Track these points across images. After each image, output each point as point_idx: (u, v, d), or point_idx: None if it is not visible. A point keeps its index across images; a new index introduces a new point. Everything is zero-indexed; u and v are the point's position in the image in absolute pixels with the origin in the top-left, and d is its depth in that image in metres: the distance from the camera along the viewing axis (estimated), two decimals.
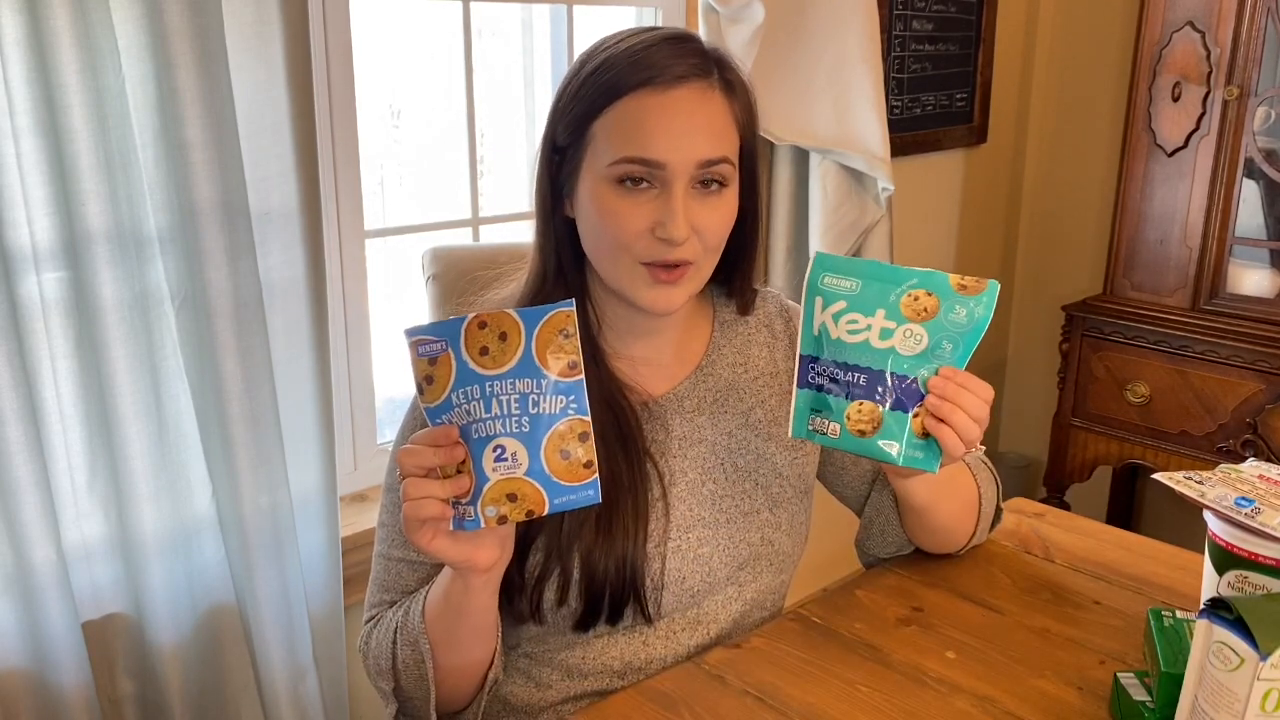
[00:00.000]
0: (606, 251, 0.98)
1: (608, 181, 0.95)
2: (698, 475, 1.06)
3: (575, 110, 0.98)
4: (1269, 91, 2.20)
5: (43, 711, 1.30)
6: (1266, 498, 0.87)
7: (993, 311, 0.91)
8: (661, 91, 0.94)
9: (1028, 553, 1.23)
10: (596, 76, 0.97)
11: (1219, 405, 2.30)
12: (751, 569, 1.08)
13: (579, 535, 0.99)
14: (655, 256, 0.96)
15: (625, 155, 0.94)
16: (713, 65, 0.98)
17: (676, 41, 0.97)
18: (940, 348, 0.90)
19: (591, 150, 0.97)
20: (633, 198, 0.95)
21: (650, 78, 0.94)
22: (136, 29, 1.22)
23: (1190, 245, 2.32)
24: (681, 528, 1.04)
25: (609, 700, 0.98)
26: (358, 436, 1.74)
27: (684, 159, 0.94)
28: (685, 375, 1.09)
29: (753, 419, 1.10)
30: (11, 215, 1.19)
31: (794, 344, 1.14)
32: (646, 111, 0.94)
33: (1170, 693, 0.85)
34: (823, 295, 0.92)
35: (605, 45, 0.99)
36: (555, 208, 1.02)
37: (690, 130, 0.94)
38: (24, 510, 1.22)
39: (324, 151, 1.55)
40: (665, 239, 0.94)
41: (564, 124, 0.99)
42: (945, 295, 0.91)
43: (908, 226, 2.54)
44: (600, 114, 0.96)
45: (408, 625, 0.98)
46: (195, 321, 1.33)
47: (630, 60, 0.95)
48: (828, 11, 1.95)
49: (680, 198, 0.94)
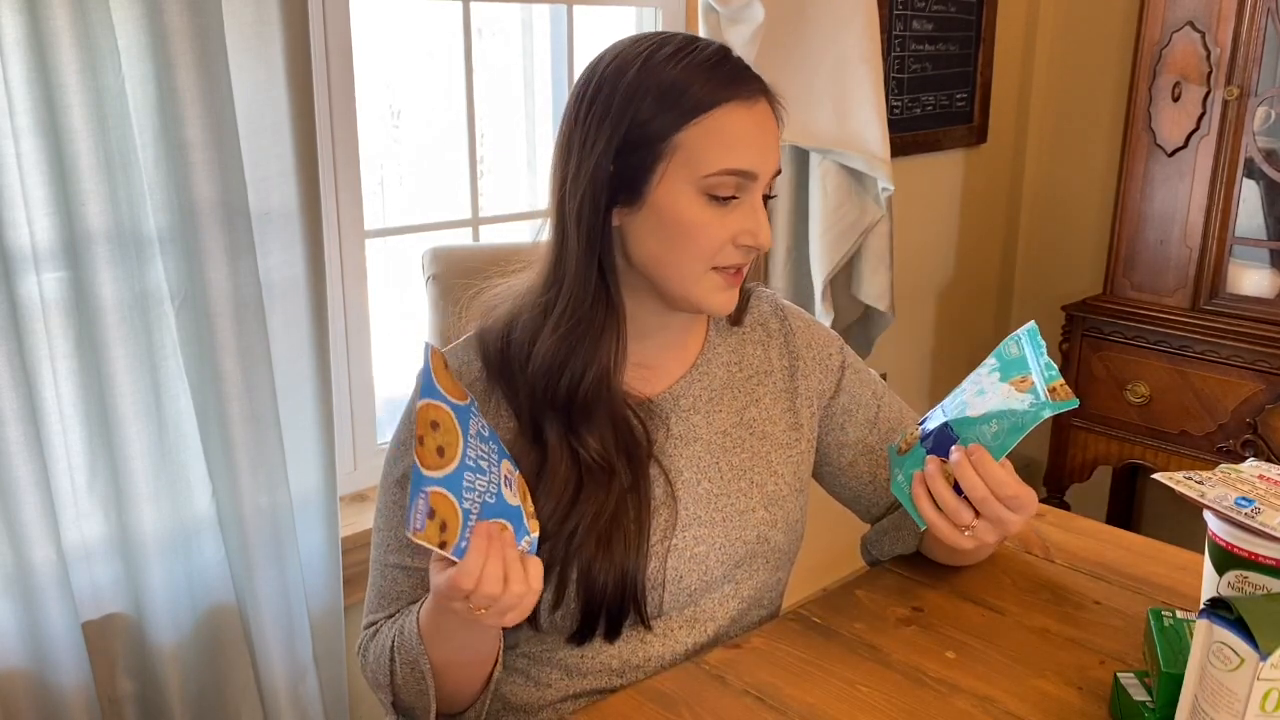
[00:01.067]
0: (682, 260, 0.98)
1: (699, 191, 0.96)
2: (694, 474, 1.06)
3: (660, 117, 0.94)
4: (1269, 91, 2.20)
5: (43, 711, 1.30)
6: (1266, 498, 0.87)
7: (1041, 420, 0.94)
8: (751, 105, 0.96)
9: (1028, 553, 1.23)
10: (681, 84, 0.94)
11: (1219, 405, 2.30)
12: (748, 567, 1.08)
13: (582, 544, 0.99)
14: (734, 262, 0.99)
15: (726, 167, 0.95)
16: (764, 83, 1.01)
17: (730, 56, 0.99)
18: (988, 422, 0.96)
19: (679, 159, 0.95)
20: (720, 207, 0.97)
21: (739, 91, 0.96)
22: (136, 29, 1.22)
23: (1190, 245, 2.32)
24: (679, 526, 1.04)
25: (609, 700, 0.98)
26: (358, 436, 1.74)
27: (768, 170, 0.98)
28: (681, 374, 1.10)
29: (747, 417, 1.10)
30: (11, 215, 1.19)
31: (788, 342, 1.15)
32: (741, 123, 0.96)
33: (1170, 693, 0.85)
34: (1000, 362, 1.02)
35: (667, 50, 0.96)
36: (606, 216, 0.98)
37: (772, 143, 0.99)
38: (24, 510, 1.22)
39: (324, 151, 1.55)
40: (753, 245, 0.98)
41: (643, 130, 0.95)
42: (1037, 391, 0.96)
43: (908, 226, 2.54)
44: (689, 123, 0.94)
45: (405, 645, 0.97)
46: (195, 321, 1.33)
47: (714, 72, 0.95)
48: (828, 11, 1.95)
49: (760, 207, 0.99)
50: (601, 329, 1.00)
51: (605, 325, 1.00)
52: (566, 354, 0.99)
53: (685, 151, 0.95)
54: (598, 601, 0.99)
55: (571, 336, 0.99)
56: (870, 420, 1.17)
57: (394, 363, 1.82)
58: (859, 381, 1.18)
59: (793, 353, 1.15)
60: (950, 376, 2.85)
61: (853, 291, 2.15)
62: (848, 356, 1.19)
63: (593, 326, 0.99)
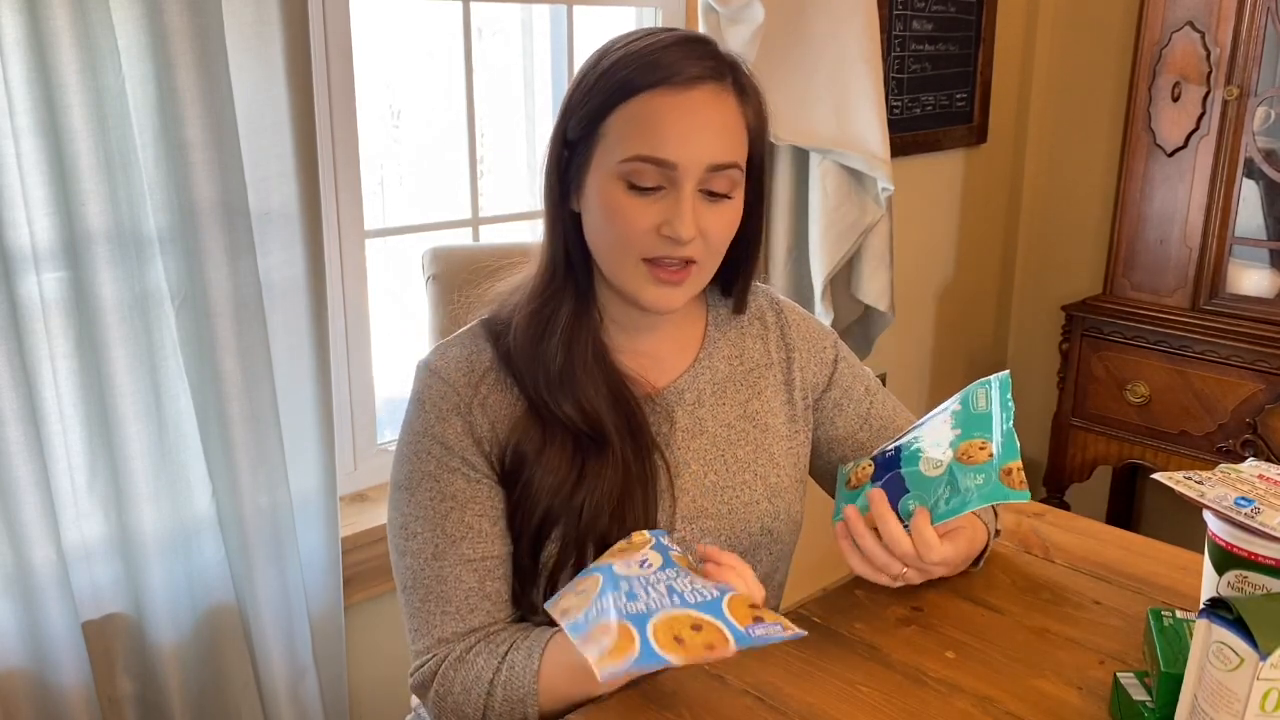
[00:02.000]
0: (610, 247, 0.98)
1: (617, 179, 0.95)
2: (700, 467, 1.07)
3: (589, 106, 0.97)
4: (1269, 91, 2.20)
5: (43, 711, 1.30)
6: (1266, 498, 0.87)
7: (987, 504, 0.95)
8: (676, 91, 0.94)
9: (1028, 553, 1.23)
10: (611, 73, 0.96)
11: (1219, 405, 2.30)
12: (751, 559, 1.08)
13: (595, 523, 0.99)
14: (659, 252, 0.96)
15: (637, 153, 0.94)
16: (727, 69, 0.98)
17: (692, 43, 0.97)
18: (940, 486, 0.97)
19: (602, 146, 0.97)
20: (641, 195, 0.95)
21: (666, 77, 0.94)
22: (136, 29, 1.22)
23: (1190, 245, 2.32)
24: (686, 518, 1.05)
25: (609, 700, 0.98)
26: (358, 436, 1.74)
27: (694, 160, 0.94)
28: (684, 368, 1.10)
29: (750, 410, 1.11)
30: (11, 215, 1.19)
31: (784, 335, 1.16)
32: (659, 110, 0.94)
33: (1170, 693, 0.85)
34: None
35: (621, 43, 0.99)
36: (563, 201, 1.02)
37: (703, 132, 0.94)
38: (24, 510, 1.22)
39: (324, 151, 1.55)
40: (672, 237, 0.95)
41: (576, 119, 0.98)
42: (992, 469, 0.95)
43: (908, 226, 2.54)
44: (613, 111, 0.96)
45: (513, 682, 0.96)
46: (195, 321, 1.33)
47: (646, 59, 0.95)
48: (828, 11, 1.95)
49: (689, 198, 0.95)
50: (572, 312, 1.02)
51: (575, 310, 1.02)
52: (537, 332, 1.01)
53: (609, 138, 0.96)
54: None
55: (538, 316, 1.02)
56: (862, 416, 1.18)
57: (394, 363, 1.82)
58: (852, 376, 1.19)
59: (788, 345, 1.15)
60: (950, 376, 2.86)
61: (853, 291, 2.15)
62: (841, 350, 1.20)
63: (559, 309, 1.02)
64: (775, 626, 0.81)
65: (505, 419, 1.02)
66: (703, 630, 0.79)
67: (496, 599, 1.02)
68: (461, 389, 1.02)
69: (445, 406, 1.02)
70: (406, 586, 1.02)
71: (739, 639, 0.79)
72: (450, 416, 1.02)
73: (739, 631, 0.80)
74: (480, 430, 1.02)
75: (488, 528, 1.01)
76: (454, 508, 1.01)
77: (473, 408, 1.02)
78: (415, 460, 1.02)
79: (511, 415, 1.02)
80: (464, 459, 1.01)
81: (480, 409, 1.02)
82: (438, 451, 1.01)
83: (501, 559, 1.02)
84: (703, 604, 0.81)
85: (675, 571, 0.86)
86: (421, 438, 1.02)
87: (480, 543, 1.01)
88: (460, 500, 1.01)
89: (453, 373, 1.03)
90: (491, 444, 1.02)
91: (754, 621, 0.81)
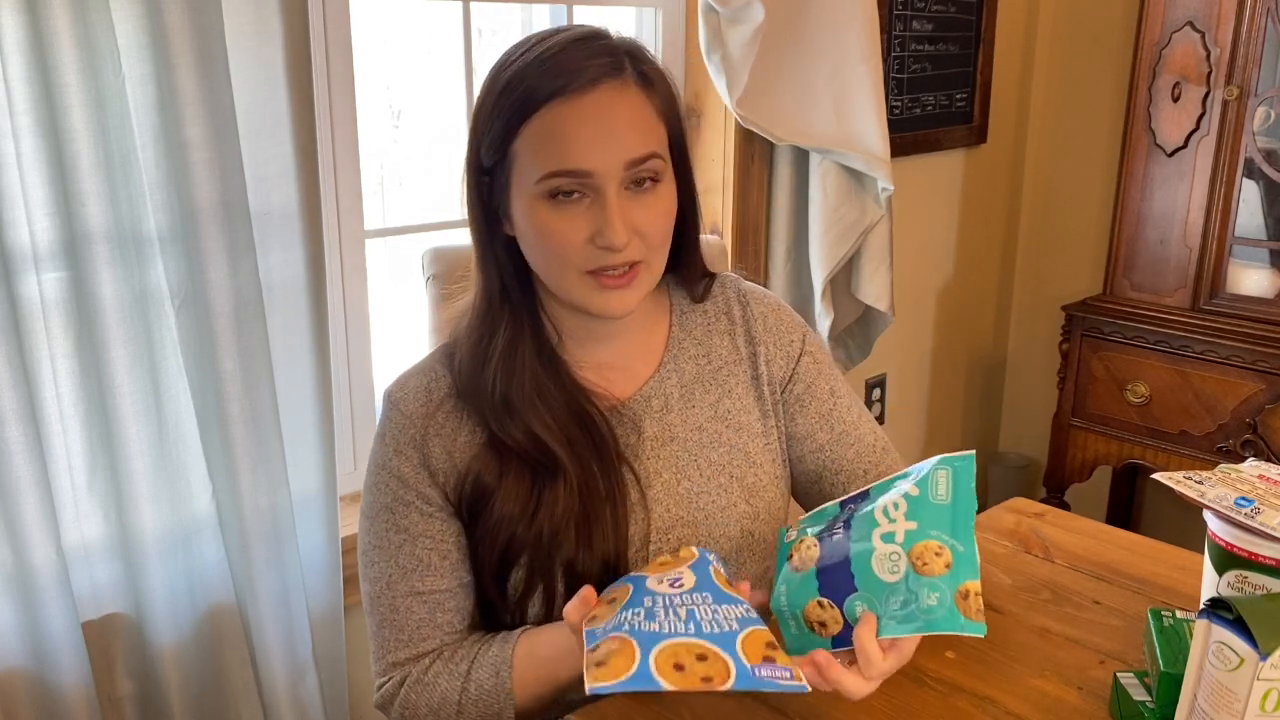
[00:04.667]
0: (550, 267, 0.97)
1: (538, 198, 0.94)
2: (672, 475, 1.05)
3: (494, 129, 0.95)
4: (1269, 91, 2.20)
5: (43, 711, 1.30)
6: (1266, 498, 0.87)
7: (937, 632, 0.83)
8: (575, 99, 0.92)
9: (1028, 553, 1.23)
10: (509, 91, 0.94)
11: (1219, 405, 2.30)
12: (734, 563, 1.07)
13: (559, 550, 0.98)
14: (599, 264, 0.94)
15: (550, 170, 0.92)
16: (624, 60, 0.95)
17: (583, 41, 0.95)
18: (895, 594, 0.84)
19: (517, 169, 0.95)
20: (566, 210, 0.93)
21: (562, 86, 0.92)
22: (136, 29, 1.22)
23: (1190, 245, 2.32)
24: (660, 530, 1.03)
25: (609, 700, 0.98)
26: (358, 436, 1.74)
27: (610, 163, 0.92)
28: (650, 374, 1.08)
29: (721, 409, 1.09)
30: (11, 215, 1.19)
31: (749, 328, 1.12)
32: (563, 122, 0.92)
33: (1170, 693, 0.85)
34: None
35: (515, 55, 0.96)
36: (493, 229, 1.01)
37: (611, 133, 0.92)
38: (24, 510, 1.22)
39: (324, 151, 1.55)
40: (605, 246, 0.93)
41: (486, 144, 0.96)
42: (948, 589, 0.83)
43: (908, 226, 2.54)
44: (519, 131, 0.93)
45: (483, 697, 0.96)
46: (195, 321, 1.33)
47: (539, 70, 0.93)
48: (828, 12, 1.95)
49: (614, 202, 0.92)
50: (509, 340, 1.00)
51: (512, 337, 1.01)
52: (477, 364, 1.00)
53: (522, 159, 0.94)
54: None
55: (478, 347, 1.01)
56: (823, 415, 1.13)
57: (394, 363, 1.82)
58: (817, 372, 1.14)
59: (753, 338, 1.12)
60: (950, 376, 2.86)
61: (853, 291, 2.15)
62: (809, 345, 1.15)
63: (495, 338, 1.00)
64: (785, 672, 0.79)
65: (465, 447, 1.02)
66: (707, 660, 0.78)
67: (448, 628, 1.03)
68: (418, 420, 1.02)
69: (402, 440, 1.02)
70: (367, 610, 1.05)
71: (740, 677, 0.78)
72: (406, 449, 1.02)
73: (744, 668, 0.79)
74: (436, 462, 1.02)
75: (437, 561, 1.02)
76: (406, 540, 1.01)
77: (428, 439, 1.02)
78: (375, 491, 1.04)
79: (473, 444, 1.02)
80: (419, 493, 1.02)
81: (437, 438, 1.02)
82: (394, 485, 1.02)
83: (453, 591, 1.03)
84: (716, 635, 0.80)
85: (705, 596, 0.84)
86: (380, 470, 1.04)
87: (430, 576, 1.01)
88: (413, 534, 1.02)
89: (410, 404, 1.03)
90: (449, 474, 1.02)
91: (764, 661, 0.80)
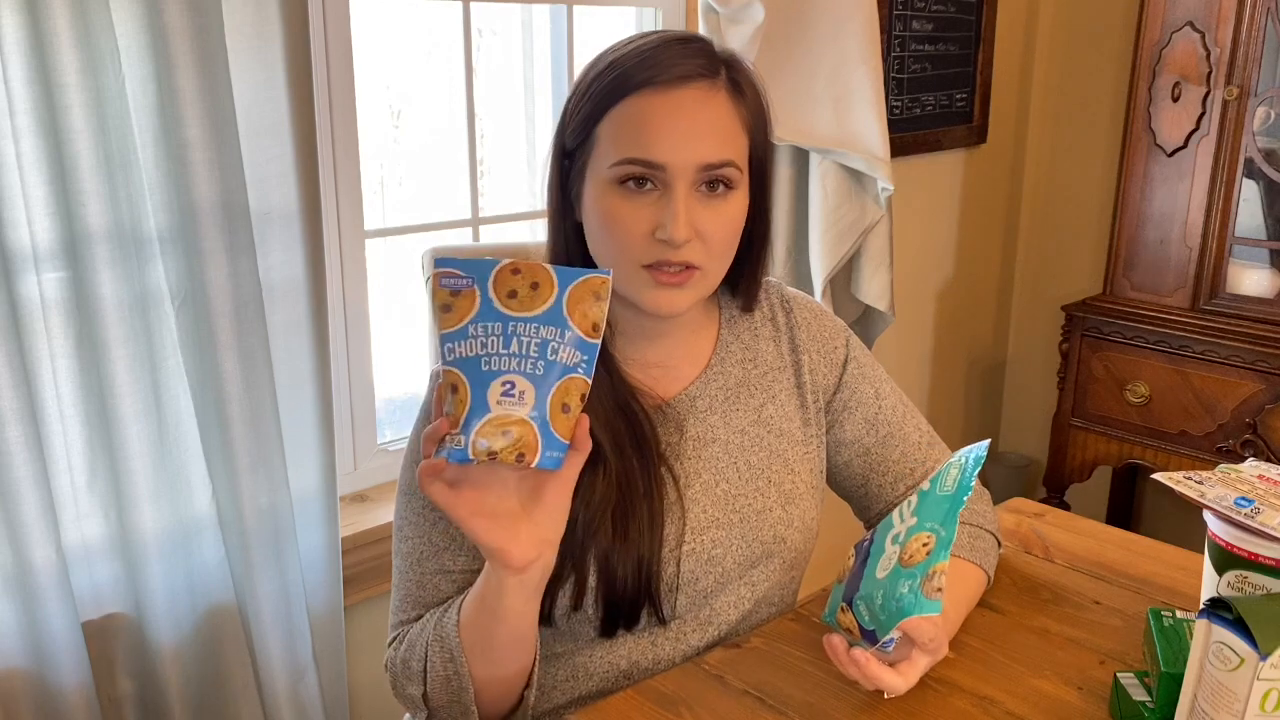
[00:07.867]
0: (610, 255, 0.97)
1: (610, 183, 0.95)
2: (711, 476, 1.06)
3: (582, 112, 0.97)
4: (1269, 91, 2.20)
5: (43, 711, 1.30)
6: (1266, 498, 0.87)
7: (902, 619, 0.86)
8: (664, 91, 0.93)
9: (1028, 553, 1.23)
10: (602, 77, 0.96)
11: (1219, 405, 2.30)
12: (763, 568, 1.07)
13: (594, 540, 0.98)
14: (656, 258, 0.95)
15: (626, 156, 0.93)
16: (720, 66, 0.97)
17: (683, 42, 0.97)
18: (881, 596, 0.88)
19: (597, 152, 0.96)
20: (635, 199, 0.94)
21: (652, 77, 0.93)
22: (136, 29, 1.22)
23: (1190, 245, 2.32)
24: (696, 530, 1.03)
25: (609, 700, 0.98)
26: (358, 436, 1.74)
27: (685, 161, 0.93)
28: (696, 375, 1.09)
29: (765, 415, 1.10)
30: (11, 215, 1.19)
31: (793, 336, 1.13)
32: (649, 111, 0.93)
33: (1170, 693, 0.85)
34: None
35: (615, 48, 0.99)
36: (566, 212, 1.02)
37: (693, 132, 0.93)
38: (24, 510, 1.22)
39: (324, 151, 1.55)
40: (665, 240, 0.93)
41: (572, 127, 0.98)
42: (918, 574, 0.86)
43: (908, 226, 2.54)
44: (604, 115, 0.95)
45: (442, 630, 0.96)
46: (195, 321, 1.33)
47: (635, 61, 0.95)
48: (828, 12, 1.95)
49: (681, 199, 0.93)
50: None
51: None
52: None
53: (602, 143, 0.96)
54: (619, 591, 0.98)
55: None
56: (869, 420, 1.15)
57: (394, 363, 1.82)
58: (861, 377, 1.15)
59: (797, 347, 1.13)
60: (950, 376, 2.86)
61: (853, 291, 2.15)
62: (853, 350, 1.16)
63: None
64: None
65: None
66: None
67: None
68: None
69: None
70: (395, 583, 1.05)
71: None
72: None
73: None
74: None
75: (470, 542, 1.01)
76: (440, 518, 1.01)
77: None
78: (413, 468, 1.03)
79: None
80: None
81: None
82: None
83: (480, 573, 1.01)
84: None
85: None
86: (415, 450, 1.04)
87: (461, 556, 1.01)
88: None
89: None
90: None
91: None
